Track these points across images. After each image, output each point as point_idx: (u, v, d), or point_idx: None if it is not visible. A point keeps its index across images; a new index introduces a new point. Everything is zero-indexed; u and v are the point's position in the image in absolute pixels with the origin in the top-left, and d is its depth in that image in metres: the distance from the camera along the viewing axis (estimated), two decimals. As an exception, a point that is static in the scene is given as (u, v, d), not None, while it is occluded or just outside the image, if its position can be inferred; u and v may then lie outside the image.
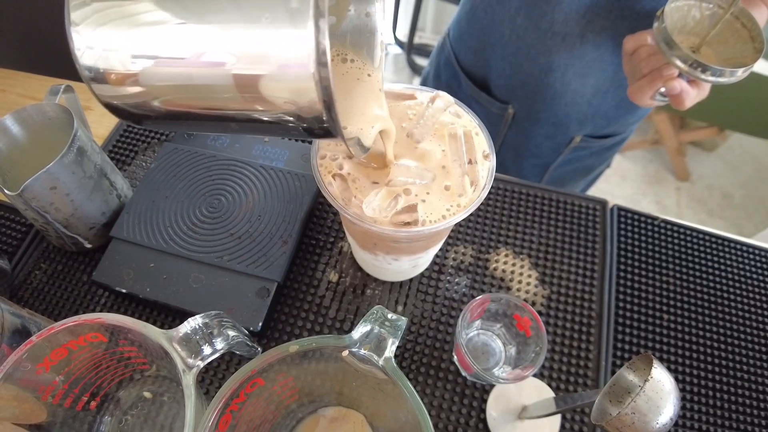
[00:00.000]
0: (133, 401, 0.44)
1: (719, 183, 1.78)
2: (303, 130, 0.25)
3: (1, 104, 0.67)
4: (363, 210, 0.34)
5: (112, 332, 0.35)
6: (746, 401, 0.48)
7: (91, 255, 0.53)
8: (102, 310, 0.50)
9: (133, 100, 0.26)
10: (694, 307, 0.52)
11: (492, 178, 0.37)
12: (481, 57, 0.69)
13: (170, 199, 0.51)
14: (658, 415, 0.26)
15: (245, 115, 0.24)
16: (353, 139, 0.31)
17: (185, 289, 0.47)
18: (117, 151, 0.61)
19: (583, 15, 0.54)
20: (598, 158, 0.78)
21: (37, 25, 0.94)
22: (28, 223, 0.55)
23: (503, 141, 0.77)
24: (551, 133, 0.71)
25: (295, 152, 0.55)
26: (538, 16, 0.57)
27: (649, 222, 0.57)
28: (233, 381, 0.31)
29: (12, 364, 0.32)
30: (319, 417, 0.44)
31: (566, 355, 0.49)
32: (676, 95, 0.48)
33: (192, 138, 0.57)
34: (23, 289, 0.51)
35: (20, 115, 0.46)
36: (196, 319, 0.33)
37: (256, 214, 0.51)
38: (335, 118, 0.22)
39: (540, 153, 0.76)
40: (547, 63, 0.61)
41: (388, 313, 0.34)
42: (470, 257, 0.54)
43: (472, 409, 0.46)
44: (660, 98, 0.51)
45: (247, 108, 0.24)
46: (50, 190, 0.44)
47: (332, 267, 0.53)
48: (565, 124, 0.69)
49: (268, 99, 0.23)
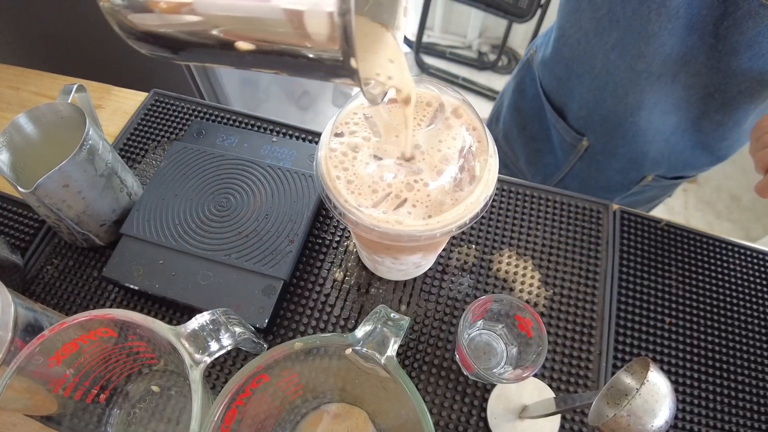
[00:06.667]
0: (141, 395, 0.45)
1: (727, 185, 1.77)
2: (318, 59, 0.24)
3: (14, 101, 0.68)
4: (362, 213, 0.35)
5: (122, 327, 0.36)
6: (747, 405, 0.48)
7: (102, 251, 0.54)
8: (112, 305, 0.51)
9: (176, 26, 0.25)
10: (695, 311, 0.52)
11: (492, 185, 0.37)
12: (565, 85, 0.68)
13: (179, 198, 0.52)
14: (653, 417, 0.26)
15: (267, 43, 0.24)
16: (370, 84, 0.30)
17: (193, 285, 0.48)
18: (127, 149, 0.62)
19: (682, 56, 0.52)
20: (663, 191, 0.77)
21: (50, 25, 0.95)
22: (40, 219, 0.56)
23: (571, 170, 0.76)
24: (624, 169, 0.70)
25: (302, 152, 0.56)
26: (634, 56, 0.55)
27: (652, 225, 0.57)
28: (239, 376, 0.32)
29: (25, 357, 0.33)
30: (323, 413, 0.44)
31: (567, 356, 0.49)
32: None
33: (201, 137, 0.58)
34: (35, 283, 0.53)
35: (34, 114, 0.47)
36: (204, 316, 0.34)
37: (263, 213, 0.51)
38: (351, 40, 0.22)
39: (609, 187, 0.75)
40: (636, 102, 0.59)
41: (391, 313, 0.35)
42: (474, 257, 0.54)
43: (473, 408, 0.46)
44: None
45: (265, 28, 0.23)
46: (63, 188, 0.45)
47: (338, 266, 0.53)
48: (641, 162, 0.68)
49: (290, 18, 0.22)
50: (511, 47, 2.13)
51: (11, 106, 0.67)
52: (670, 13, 0.49)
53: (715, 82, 0.53)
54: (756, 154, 0.46)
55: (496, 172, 0.38)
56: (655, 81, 0.56)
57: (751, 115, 0.58)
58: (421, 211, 0.35)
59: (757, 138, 0.47)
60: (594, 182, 0.76)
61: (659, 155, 0.67)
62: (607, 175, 0.73)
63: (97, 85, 0.69)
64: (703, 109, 0.58)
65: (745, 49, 0.48)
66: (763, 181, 0.45)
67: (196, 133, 0.58)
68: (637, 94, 0.59)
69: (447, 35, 2.20)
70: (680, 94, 0.57)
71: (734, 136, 0.62)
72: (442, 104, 0.39)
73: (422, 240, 0.35)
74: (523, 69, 0.78)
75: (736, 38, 0.48)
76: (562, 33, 0.64)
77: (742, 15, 0.46)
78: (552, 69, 0.69)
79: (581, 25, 0.59)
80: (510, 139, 0.86)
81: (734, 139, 0.63)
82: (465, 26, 2.13)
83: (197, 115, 0.65)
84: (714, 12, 0.47)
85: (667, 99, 0.58)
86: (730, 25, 0.47)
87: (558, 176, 0.79)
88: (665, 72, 0.55)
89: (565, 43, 0.64)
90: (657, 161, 0.68)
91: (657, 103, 0.59)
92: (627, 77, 0.58)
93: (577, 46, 0.62)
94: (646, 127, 0.62)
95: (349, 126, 0.39)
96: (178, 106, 0.66)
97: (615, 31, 0.55)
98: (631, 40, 0.54)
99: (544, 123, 0.76)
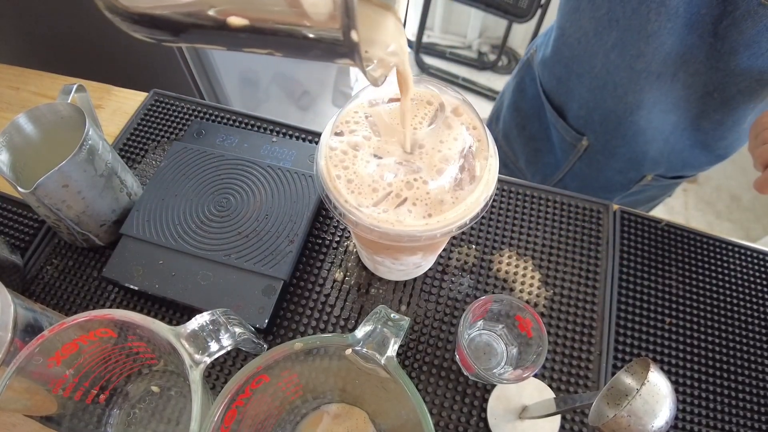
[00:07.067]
0: (141, 395, 0.45)
1: (727, 184, 1.77)
2: (318, 39, 0.23)
3: (14, 101, 0.68)
4: (362, 212, 0.35)
5: (122, 328, 0.36)
6: (747, 405, 0.48)
7: (102, 251, 0.54)
8: (111, 305, 0.51)
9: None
10: (695, 311, 0.52)
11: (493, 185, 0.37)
12: (565, 84, 0.68)
13: (179, 198, 0.52)
14: (653, 418, 0.26)
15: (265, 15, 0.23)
16: (371, 65, 0.30)
17: (193, 286, 0.48)
18: (127, 149, 0.62)
19: (682, 56, 0.53)
20: (663, 190, 0.78)
21: (50, 25, 0.95)
22: (40, 220, 0.56)
23: (570, 169, 0.76)
24: (624, 168, 0.71)
25: (302, 152, 0.56)
26: (634, 55, 0.55)
27: (652, 225, 0.57)
28: (239, 377, 0.32)
29: (24, 357, 0.33)
30: (323, 413, 0.44)
31: (567, 356, 0.49)
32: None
33: (201, 137, 0.58)
34: (35, 283, 0.53)
35: (33, 114, 0.47)
36: (204, 316, 0.34)
37: (263, 213, 0.51)
38: (353, 12, 0.21)
39: (609, 186, 0.75)
40: (635, 101, 0.59)
41: (391, 313, 0.35)
42: (474, 257, 0.54)
43: (473, 408, 0.46)
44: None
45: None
46: (62, 188, 0.45)
47: (338, 266, 0.53)
48: (640, 162, 0.69)
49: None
50: (511, 47, 2.13)
51: (11, 106, 0.67)
52: (670, 12, 0.49)
53: (715, 81, 0.53)
54: (755, 151, 0.46)
55: (497, 173, 0.38)
56: (655, 80, 0.56)
57: (750, 115, 0.58)
58: (421, 210, 0.35)
59: (756, 135, 0.47)
60: (594, 182, 0.76)
61: (659, 155, 0.67)
62: (606, 174, 0.73)
63: (97, 85, 0.69)
64: (703, 108, 0.58)
65: (744, 48, 0.48)
66: (762, 177, 0.45)
67: (196, 133, 0.58)
68: (636, 94, 0.59)
69: (447, 35, 2.20)
70: (679, 94, 0.57)
71: (734, 135, 0.62)
72: (442, 104, 0.39)
73: (422, 240, 0.35)
74: (523, 69, 0.78)
75: (735, 37, 0.48)
76: (562, 33, 0.64)
77: (741, 14, 0.46)
78: (552, 69, 0.69)
79: (581, 25, 0.59)
80: (510, 138, 0.86)
81: (734, 139, 0.63)
82: (465, 26, 2.13)
83: (197, 115, 0.65)
84: (713, 11, 0.47)
85: (666, 98, 0.58)
86: (729, 25, 0.47)
87: (558, 176, 0.79)
88: (665, 71, 0.55)
89: (564, 43, 0.64)
90: (656, 161, 0.68)
91: (656, 102, 0.59)
92: (626, 77, 0.58)
93: (577, 46, 0.62)
94: (645, 126, 0.62)
95: (350, 125, 0.39)
96: (178, 106, 0.66)
97: (614, 31, 0.55)
98: (631, 40, 0.54)
99: (543, 123, 0.76)
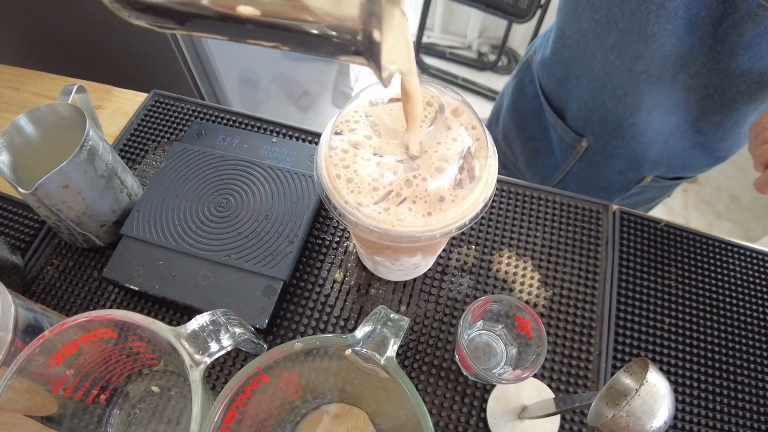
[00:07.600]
0: (141, 395, 0.45)
1: (727, 185, 1.77)
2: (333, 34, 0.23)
3: (14, 102, 0.68)
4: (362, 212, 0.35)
5: (122, 328, 0.36)
6: (747, 405, 0.48)
7: (102, 252, 0.54)
8: (112, 306, 0.51)
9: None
10: (695, 311, 0.52)
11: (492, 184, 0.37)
12: (564, 86, 0.68)
13: (179, 198, 0.52)
14: (652, 418, 0.26)
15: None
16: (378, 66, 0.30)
17: (193, 286, 0.48)
18: (127, 150, 0.63)
19: (681, 57, 0.52)
20: (662, 191, 0.78)
21: (50, 25, 0.95)
22: (40, 220, 0.56)
23: (570, 170, 0.76)
24: (624, 169, 0.71)
25: (302, 153, 0.56)
26: (633, 57, 0.55)
27: (652, 225, 0.57)
28: (239, 377, 0.32)
29: (25, 357, 0.33)
30: (323, 413, 0.45)
31: (567, 356, 0.49)
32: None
33: (201, 138, 0.58)
34: (35, 284, 0.53)
35: (34, 115, 0.48)
36: (204, 316, 0.34)
37: (263, 214, 0.51)
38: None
39: (609, 187, 0.75)
40: (634, 103, 0.59)
41: (390, 313, 0.35)
42: (473, 258, 0.54)
43: (472, 408, 0.46)
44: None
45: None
46: (63, 189, 0.45)
47: (337, 266, 0.53)
48: (640, 163, 0.69)
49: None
50: (511, 47, 2.13)
51: (11, 107, 0.67)
52: (669, 14, 0.49)
53: (715, 83, 0.53)
54: (755, 151, 0.46)
55: (496, 173, 0.38)
56: (654, 82, 0.56)
57: (750, 116, 0.58)
58: (421, 208, 0.35)
59: (756, 135, 0.47)
60: (593, 183, 0.76)
61: (658, 156, 0.67)
62: (606, 175, 0.73)
63: (97, 85, 0.69)
64: (703, 110, 0.58)
65: (744, 50, 0.48)
66: (762, 177, 0.45)
67: (196, 134, 0.58)
68: (636, 95, 0.59)
69: (447, 35, 2.20)
70: (679, 95, 0.57)
71: (734, 136, 0.62)
72: (441, 105, 0.39)
73: (422, 240, 0.35)
74: (522, 69, 0.78)
75: (735, 39, 0.48)
76: (561, 34, 0.64)
77: (741, 16, 0.46)
78: (551, 70, 0.69)
79: (580, 26, 0.59)
80: (509, 139, 0.86)
81: (734, 140, 0.63)
82: (465, 26, 2.13)
83: (197, 115, 0.65)
84: (713, 13, 0.47)
85: (666, 100, 0.58)
86: (729, 27, 0.47)
87: (557, 177, 0.79)
88: (664, 73, 0.55)
89: (564, 44, 0.64)
90: (656, 162, 0.68)
91: (656, 104, 0.59)
92: (626, 78, 0.58)
93: (576, 47, 0.62)
94: (645, 128, 0.62)
95: (350, 124, 0.39)
96: (178, 107, 0.66)
97: (614, 32, 0.55)
98: (630, 41, 0.54)
99: (543, 124, 0.76)
